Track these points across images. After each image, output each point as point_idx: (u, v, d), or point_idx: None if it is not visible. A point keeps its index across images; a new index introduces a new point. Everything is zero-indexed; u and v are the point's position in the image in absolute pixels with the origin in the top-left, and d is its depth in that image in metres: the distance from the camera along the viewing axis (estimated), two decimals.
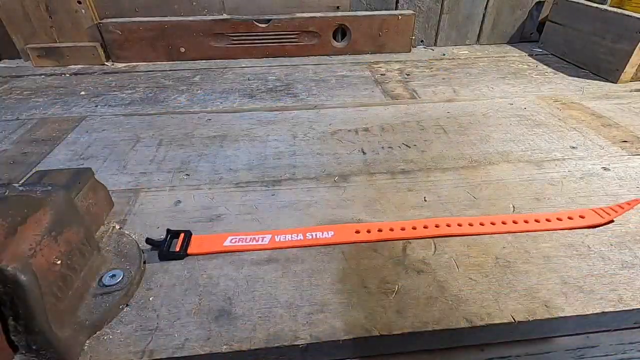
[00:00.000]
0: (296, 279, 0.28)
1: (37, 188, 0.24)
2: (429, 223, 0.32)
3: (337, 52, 0.76)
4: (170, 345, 0.24)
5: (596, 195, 0.36)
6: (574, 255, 0.29)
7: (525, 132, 0.48)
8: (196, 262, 0.29)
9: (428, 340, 0.25)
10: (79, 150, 0.45)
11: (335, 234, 0.31)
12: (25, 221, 0.22)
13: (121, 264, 0.28)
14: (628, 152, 0.43)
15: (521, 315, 0.25)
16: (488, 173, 0.40)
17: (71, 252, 0.24)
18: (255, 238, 0.31)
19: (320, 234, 0.31)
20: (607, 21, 0.61)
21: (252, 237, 0.31)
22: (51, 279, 0.22)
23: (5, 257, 0.20)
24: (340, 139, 0.47)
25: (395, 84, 0.63)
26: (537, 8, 0.79)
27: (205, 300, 0.26)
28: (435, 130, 0.48)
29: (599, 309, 0.25)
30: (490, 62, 0.72)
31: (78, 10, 0.68)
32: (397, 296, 0.26)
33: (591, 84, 0.61)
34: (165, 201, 0.36)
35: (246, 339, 0.24)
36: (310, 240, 0.31)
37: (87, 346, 0.23)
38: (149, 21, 0.69)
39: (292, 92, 0.60)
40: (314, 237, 0.31)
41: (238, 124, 0.50)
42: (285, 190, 0.38)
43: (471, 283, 0.27)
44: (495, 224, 0.32)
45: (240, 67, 0.71)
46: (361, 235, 0.31)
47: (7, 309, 0.20)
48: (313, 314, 0.25)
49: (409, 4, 0.76)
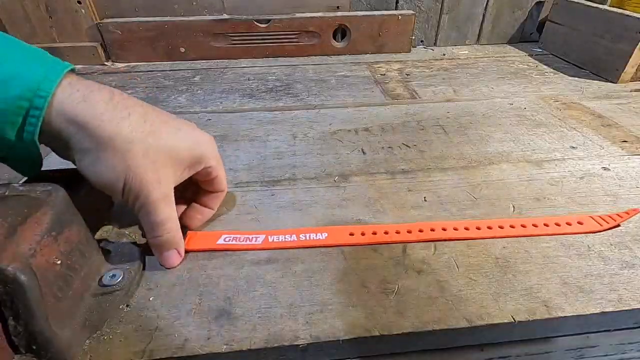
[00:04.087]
0: (296, 279, 0.28)
1: (37, 188, 0.24)
2: (424, 227, 0.32)
3: (337, 52, 0.76)
4: (170, 345, 0.24)
5: (596, 195, 0.36)
6: (574, 255, 0.29)
7: (525, 132, 0.48)
8: (196, 262, 0.29)
9: (428, 340, 0.25)
10: None
11: (329, 235, 0.31)
12: (25, 221, 0.22)
13: (121, 264, 0.28)
14: (628, 152, 0.43)
15: (521, 315, 0.25)
16: (488, 173, 0.40)
17: (71, 252, 0.24)
18: (249, 238, 0.31)
19: (314, 235, 0.31)
20: (607, 21, 0.61)
21: (246, 237, 0.31)
22: (51, 279, 0.22)
23: (6, 257, 0.20)
24: (340, 139, 0.47)
25: (395, 84, 0.63)
26: (537, 8, 0.79)
27: (205, 300, 0.26)
28: (435, 130, 0.48)
29: (599, 309, 0.25)
30: (490, 62, 0.72)
31: (78, 10, 0.68)
32: (397, 296, 0.26)
33: (591, 84, 0.61)
34: None
35: (246, 339, 0.24)
36: (304, 241, 0.31)
37: (87, 346, 0.23)
38: (149, 21, 0.69)
39: (292, 92, 0.60)
40: (308, 239, 0.31)
41: (238, 124, 0.51)
42: (285, 190, 0.38)
43: (471, 283, 0.27)
44: (492, 228, 0.32)
45: (240, 67, 0.71)
46: (355, 237, 0.31)
47: (7, 309, 0.20)
48: (313, 314, 0.25)
49: (409, 4, 0.76)
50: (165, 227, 0.27)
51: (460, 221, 0.33)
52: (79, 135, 0.24)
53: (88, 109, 0.24)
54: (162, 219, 0.27)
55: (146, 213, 0.26)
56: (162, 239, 0.27)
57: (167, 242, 0.28)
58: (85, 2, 0.68)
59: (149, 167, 0.25)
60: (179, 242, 0.28)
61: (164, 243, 0.28)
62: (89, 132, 0.24)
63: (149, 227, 0.27)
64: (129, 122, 0.25)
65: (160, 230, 0.27)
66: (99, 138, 0.24)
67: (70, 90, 0.24)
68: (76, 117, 0.23)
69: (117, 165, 0.24)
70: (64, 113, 0.23)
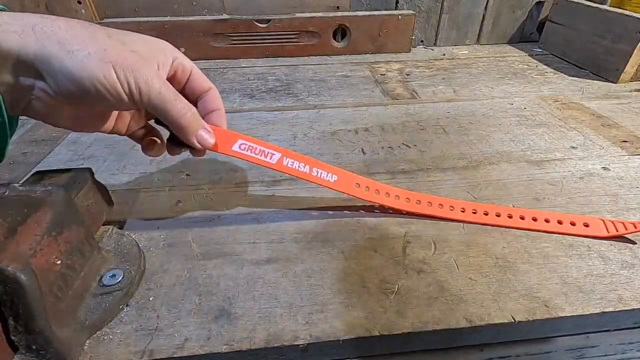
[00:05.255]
0: (296, 279, 0.28)
1: (37, 188, 0.24)
2: (433, 200, 0.32)
3: (337, 52, 0.76)
4: (170, 345, 0.24)
5: (596, 195, 0.36)
6: (574, 255, 0.30)
7: (525, 132, 0.48)
8: (196, 262, 0.29)
9: (428, 340, 0.25)
10: (79, 150, 0.45)
11: (339, 179, 0.31)
12: (25, 221, 0.22)
13: (121, 264, 0.28)
14: (628, 152, 0.43)
15: (521, 315, 0.25)
16: (488, 173, 0.40)
17: (71, 252, 0.24)
18: (264, 152, 0.29)
19: (324, 174, 0.31)
20: (607, 21, 0.61)
21: (262, 150, 0.29)
22: (51, 279, 0.22)
23: (6, 257, 0.20)
24: (340, 139, 0.47)
25: (395, 84, 0.63)
26: (537, 8, 0.79)
27: (205, 300, 0.26)
28: (435, 130, 0.48)
29: (599, 309, 0.25)
30: (490, 62, 0.72)
31: (78, 10, 0.68)
32: (397, 296, 0.26)
33: (591, 84, 0.61)
34: (165, 201, 0.36)
35: (246, 339, 0.24)
36: (315, 177, 0.30)
37: (87, 346, 0.23)
38: (149, 21, 0.69)
39: (292, 92, 0.60)
40: (318, 175, 0.31)
41: (238, 123, 0.50)
42: (285, 190, 0.38)
43: (471, 283, 0.27)
44: (501, 216, 0.32)
45: (240, 67, 0.71)
46: (360, 190, 0.32)
47: (7, 309, 0.20)
48: (313, 314, 0.25)
49: (409, 4, 0.76)
50: (183, 102, 0.25)
51: (469, 202, 0.34)
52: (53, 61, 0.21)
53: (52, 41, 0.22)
54: (174, 96, 0.25)
55: (160, 99, 0.24)
56: (189, 115, 0.26)
57: (194, 119, 0.26)
58: (85, 2, 0.68)
59: (138, 59, 0.24)
60: (201, 120, 0.27)
61: (191, 120, 0.26)
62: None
63: (168, 111, 0.25)
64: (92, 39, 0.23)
65: (181, 107, 0.25)
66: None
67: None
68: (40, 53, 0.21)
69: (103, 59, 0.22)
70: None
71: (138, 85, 0.23)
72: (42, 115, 0.25)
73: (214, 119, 0.29)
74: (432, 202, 0.33)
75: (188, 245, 0.31)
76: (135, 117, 0.29)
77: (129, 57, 0.23)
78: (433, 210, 0.32)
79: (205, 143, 0.27)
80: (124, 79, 0.23)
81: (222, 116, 0.29)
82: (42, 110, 0.24)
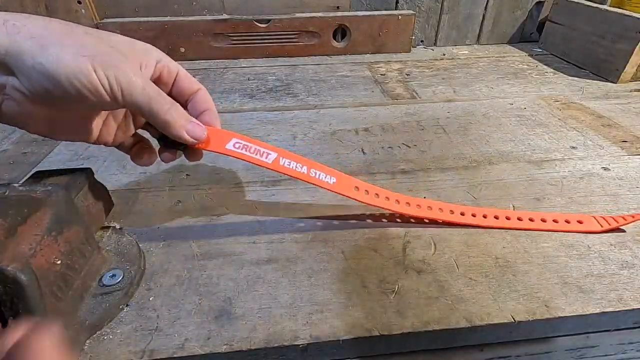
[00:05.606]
0: (296, 279, 0.28)
1: (37, 188, 0.24)
2: (422, 203, 0.32)
3: (337, 52, 0.76)
4: (170, 345, 0.24)
5: (596, 195, 0.36)
6: (574, 255, 0.30)
7: (525, 132, 0.48)
8: (196, 262, 0.29)
9: (428, 340, 0.25)
10: (79, 150, 0.45)
11: (337, 181, 0.30)
12: (25, 221, 0.22)
13: (121, 264, 0.28)
14: (628, 152, 0.43)
15: (521, 315, 0.25)
16: (488, 173, 0.40)
17: (71, 252, 0.24)
18: (259, 151, 0.28)
19: (323, 176, 0.30)
20: (607, 21, 0.61)
21: (257, 149, 0.28)
22: (51, 279, 0.22)
23: (6, 257, 0.20)
24: (340, 139, 0.47)
25: (395, 84, 0.63)
26: (537, 8, 0.79)
27: (205, 300, 0.26)
28: (435, 130, 0.48)
29: (599, 309, 0.25)
30: (490, 62, 0.72)
31: (78, 10, 0.68)
32: (397, 296, 0.26)
33: (591, 84, 0.61)
34: (165, 201, 0.36)
35: (246, 339, 0.24)
36: (312, 178, 0.29)
37: (87, 346, 0.23)
38: (149, 21, 0.69)
39: (292, 92, 0.60)
40: (317, 177, 0.30)
41: (238, 124, 0.50)
42: (285, 190, 0.38)
43: (471, 283, 0.27)
44: (499, 218, 0.32)
45: (240, 67, 0.71)
46: (359, 193, 0.31)
47: (7, 309, 0.20)
48: (313, 314, 0.25)
49: (409, 4, 0.76)
50: (168, 99, 0.25)
51: (468, 206, 0.34)
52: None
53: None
54: (158, 93, 0.24)
55: (143, 97, 0.23)
56: (174, 110, 0.25)
57: (180, 113, 0.25)
58: (85, 2, 0.68)
59: (118, 56, 0.23)
60: (186, 114, 0.26)
61: (178, 115, 0.25)
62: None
63: (153, 108, 0.24)
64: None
65: (165, 102, 0.24)
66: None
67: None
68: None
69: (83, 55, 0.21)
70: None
71: (119, 82, 0.22)
72: (16, 120, 0.23)
73: (206, 119, 0.28)
74: (432, 206, 0.33)
75: (188, 245, 0.31)
76: (123, 126, 0.28)
77: (108, 53, 0.22)
78: (434, 214, 0.32)
79: (197, 134, 0.26)
80: (103, 75, 0.21)
81: (215, 116, 0.29)
82: (16, 114, 0.23)
